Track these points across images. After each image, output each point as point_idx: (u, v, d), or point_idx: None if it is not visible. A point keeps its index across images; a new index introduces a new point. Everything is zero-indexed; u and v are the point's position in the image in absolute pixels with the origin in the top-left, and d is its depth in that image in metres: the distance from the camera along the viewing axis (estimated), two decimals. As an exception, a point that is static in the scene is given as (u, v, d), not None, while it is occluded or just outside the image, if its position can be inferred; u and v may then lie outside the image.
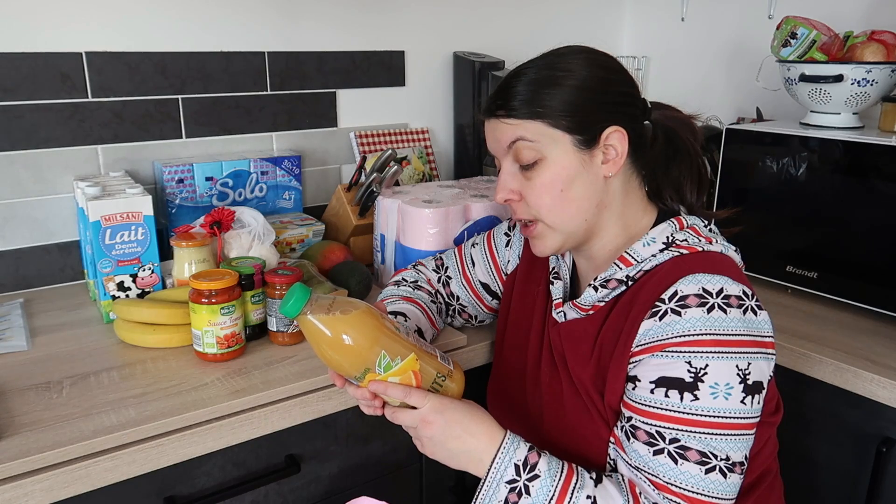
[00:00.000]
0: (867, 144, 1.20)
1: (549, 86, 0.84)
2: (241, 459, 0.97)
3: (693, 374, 0.76)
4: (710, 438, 0.76)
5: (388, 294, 1.08)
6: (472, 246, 1.12)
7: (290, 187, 1.51)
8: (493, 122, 0.88)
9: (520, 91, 0.85)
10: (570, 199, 0.85)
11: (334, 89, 1.61)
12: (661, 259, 0.84)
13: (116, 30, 1.34)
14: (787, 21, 1.38)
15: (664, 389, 0.77)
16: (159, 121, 1.41)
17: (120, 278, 1.14)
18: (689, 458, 0.76)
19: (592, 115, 0.84)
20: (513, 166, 0.87)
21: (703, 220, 0.90)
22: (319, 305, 0.77)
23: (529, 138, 0.84)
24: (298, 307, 0.76)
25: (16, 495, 0.78)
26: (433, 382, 0.82)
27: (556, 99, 0.83)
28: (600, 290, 0.87)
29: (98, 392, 0.94)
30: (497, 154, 0.90)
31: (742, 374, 0.76)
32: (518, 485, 0.78)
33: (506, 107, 0.85)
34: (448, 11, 1.74)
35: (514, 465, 0.78)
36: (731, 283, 0.79)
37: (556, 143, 0.84)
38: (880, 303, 1.20)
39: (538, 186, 0.85)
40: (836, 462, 1.14)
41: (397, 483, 1.15)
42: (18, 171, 1.29)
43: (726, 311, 0.77)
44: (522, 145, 0.85)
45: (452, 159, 1.84)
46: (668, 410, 0.77)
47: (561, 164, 0.84)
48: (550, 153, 0.84)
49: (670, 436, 0.77)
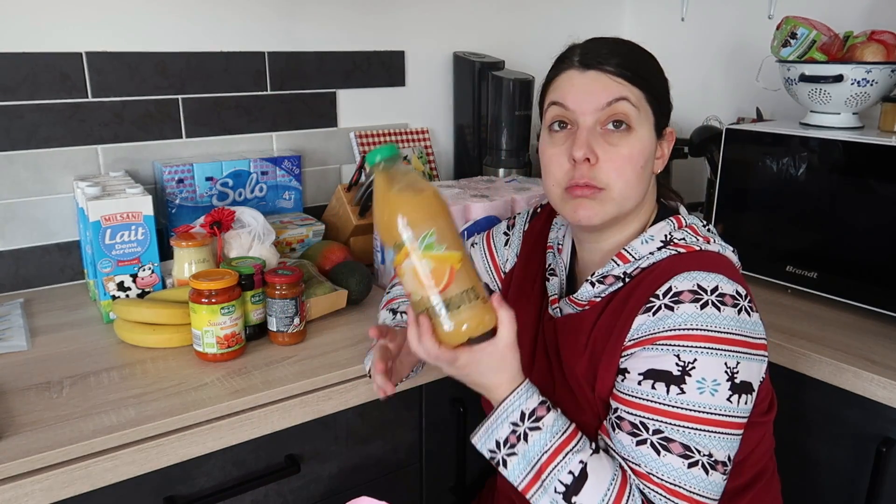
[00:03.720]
0: (867, 144, 1.19)
1: (645, 63, 0.86)
2: (241, 459, 0.97)
3: (681, 368, 0.76)
4: (693, 433, 0.76)
5: (397, 294, 1.08)
6: (471, 246, 1.12)
7: (290, 187, 1.51)
8: (594, 75, 0.84)
9: (632, 56, 0.85)
10: (642, 179, 0.85)
11: (334, 89, 1.61)
12: (658, 257, 0.84)
13: (116, 30, 1.34)
14: (787, 21, 1.38)
15: (651, 381, 0.78)
16: (159, 121, 1.41)
17: (120, 278, 1.14)
18: (673, 450, 0.76)
19: (665, 107, 0.87)
20: (595, 128, 0.84)
21: (701, 220, 0.90)
22: (400, 166, 0.77)
23: (634, 102, 0.83)
24: (386, 154, 0.75)
25: (16, 495, 0.78)
26: (464, 292, 0.75)
27: (655, 78, 0.86)
28: (597, 285, 0.87)
29: (98, 392, 0.94)
30: (579, 107, 0.84)
31: (730, 372, 0.76)
32: (519, 430, 0.79)
33: (619, 64, 0.83)
34: (448, 11, 1.74)
35: (521, 412, 0.79)
36: (726, 282, 0.79)
37: (646, 120, 0.85)
38: (880, 303, 1.20)
39: (624, 156, 0.83)
40: (835, 462, 1.14)
41: (397, 483, 1.15)
42: (18, 171, 1.29)
43: (720, 309, 0.77)
44: (625, 106, 0.82)
45: (452, 159, 1.84)
46: (654, 402, 0.77)
47: (646, 140, 0.85)
48: (640, 126, 0.84)
49: (654, 427, 0.77)
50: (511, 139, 1.65)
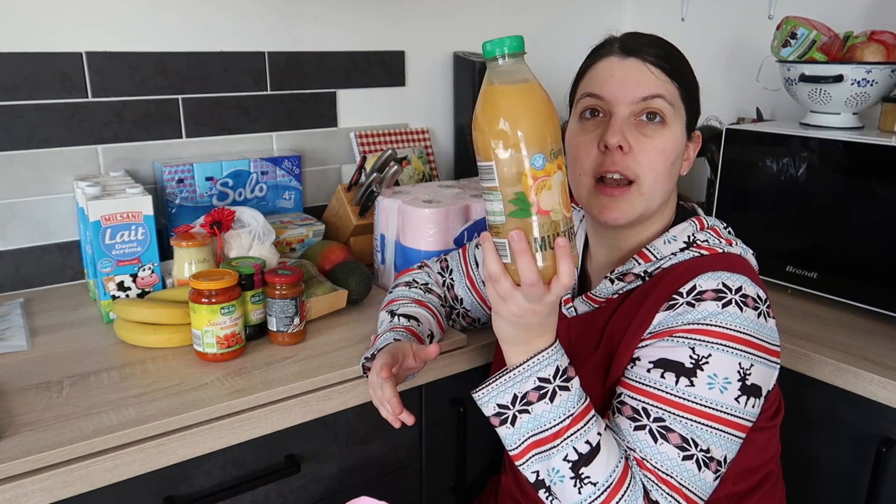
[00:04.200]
0: (867, 145, 1.19)
1: (683, 63, 0.87)
2: (241, 459, 0.97)
3: (694, 361, 0.76)
4: (695, 426, 0.75)
5: (400, 295, 1.08)
6: (475, 247, 1.12)
7: (290, 187, 1.51)
8: (634, 64, 0.84)
9: (672, 51, 0.86)
10: (671, 176, 0.86)
11: (334, 89, 1.61)
12: (681, 258, 0.84)
13: (116, 30, 1.34)
14: (787, 21, 1.38)
15: (661, 370, 0.77)
16: (159, 121, 1.41)
17: (120, 278, 1.14)
18: (670, 440, 0.75)
19: (696, 109, 0.88)
20: (629, 118, 0.83)
21: (722, 223, 0.90)
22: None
23: (669, 100, 0.84)
24: (517, 45, 0.68)
25: (16, 495, 0.78)
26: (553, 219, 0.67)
27: (690, 77, 0.87)
28: (616, 282, 0.87)
29: (98, 392, 0.94)
30: (615, 97, 0.83)
31: (742, 372, 0.76)
32: (547, 388, 0.74)
33: (659, 55, 0.84)
34: (448, 11, 1.74)
35: (556, 367, 0.74)
36: (750, 284, 0.79)
37: (678, 117, 0.85)
38: (880, 303, 1.20)
39: (659, 149, 0.83)
40: (836, 462, 1.14)
41: (397, 483, 1.15)
42: (18, 170, 1.29)
43: (742, 309, 0.77)
44: (661, 103, 0.83)
45: (452, 159, 1.84)
46: (660, 391, 0.77)
47: (678, 137, 0.85)
48: (673, 123, 0.84)
49: (655, 414, 0.76)
50: (511, 139, 1.65)
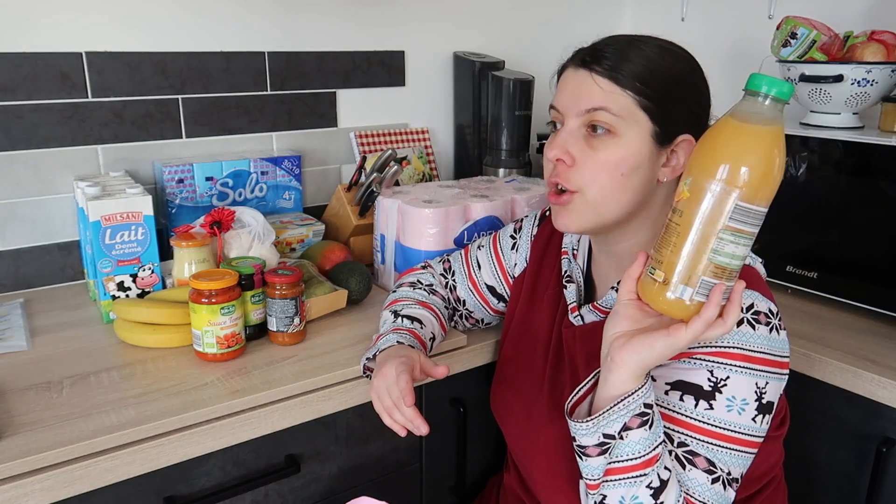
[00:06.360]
0: (867, 144, 1.19)
1: (656, 68, 0.81)
2: (241, 459, 0.97)
3: (713, 384, 0.76)
4: (717, 450, 0.75)
5: (404, 295, 1.08)
6: (477, 248, 1.12)
7: (290, 187, 1.51)
8: (583, 75, 0.82)
9: (628, 58, 0.81)
10: (625, 187, 0.82)
11: (334, 89, 1.61)
12: None
13: (116, 30, 1.34)
14: (787, 21, 1.38)
15: (680, 393, 0.77)
16: (159, 121, 1.41)
17: (120, 278, 1.14)
18: (698, 464, 0.75)
19: (677, 115, 0.83)
20: (579, 129, 0.83)
21: None
22: None
23: (615, 112, 0.80)
24: (787, 92, 0.66)
25: (16, 495, 0.78)
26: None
27: (665, 83, 0.81)
28: None
29: (98, 392, 0.94)
30: (566, 109, 0.84)
31: (759, 392, 0.76)
32: (650, 414, 0.73)
33: (608, 66, 0.81)
34: (448, 11, 1.74)
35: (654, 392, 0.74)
36: (761, 300, 0.78)
37: (636, 126, 0.81)
38: (880, 303, 1.20)
39: (601, 161, 0.82)
40: (836, 462, 1.14)
41: (397, 483, 1.15)
42: (18, 171, 1.29)
43: (754, 327, 0.77)
44: (603, 115, 0.81)
45: (452, 159, 1.84)
46: (681, 414, 0.77)
47: (633, 148, 0.81)
48: (626, 133, 0.81)
49: (679, 439, 0.76)
50: (511, 139, 1.65)
